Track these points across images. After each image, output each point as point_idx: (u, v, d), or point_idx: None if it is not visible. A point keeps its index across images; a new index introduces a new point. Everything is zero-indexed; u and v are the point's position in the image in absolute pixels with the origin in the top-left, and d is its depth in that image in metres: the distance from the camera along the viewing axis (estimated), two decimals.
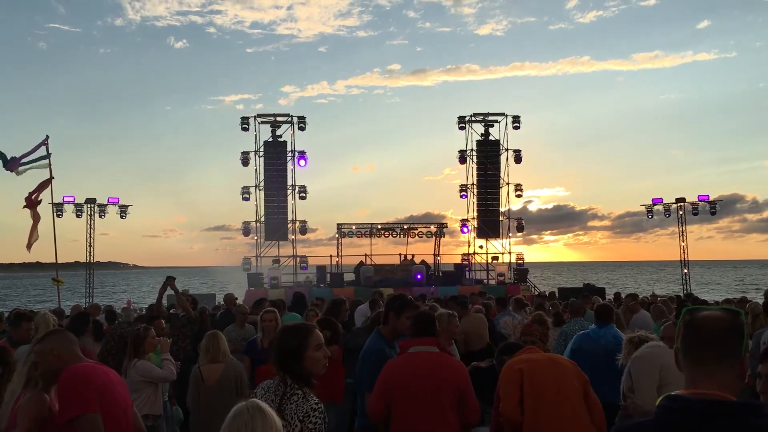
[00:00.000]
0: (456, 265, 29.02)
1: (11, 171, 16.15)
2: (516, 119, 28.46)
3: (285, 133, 28.26)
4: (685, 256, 28.25)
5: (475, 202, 29.17)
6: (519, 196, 29.20)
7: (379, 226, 29.38)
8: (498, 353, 4.67)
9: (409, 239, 29.51)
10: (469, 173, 29.19)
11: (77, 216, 26.12)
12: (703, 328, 1.76)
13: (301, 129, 28.07)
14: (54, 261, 18.14)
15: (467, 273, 28.65)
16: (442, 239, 29.93)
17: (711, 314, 1.78)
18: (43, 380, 3.23)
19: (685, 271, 28.26)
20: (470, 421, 4.13)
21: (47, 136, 17.26)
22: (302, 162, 28.04)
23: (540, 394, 4.02)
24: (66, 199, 25.50)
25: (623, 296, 14.08)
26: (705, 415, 1.66)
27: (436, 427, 3.96)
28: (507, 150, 28.84)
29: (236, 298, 11.97)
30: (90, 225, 26.65)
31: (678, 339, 1.81)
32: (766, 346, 2.29)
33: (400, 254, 28.39)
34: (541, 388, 4.03)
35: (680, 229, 28.10)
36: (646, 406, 4.19)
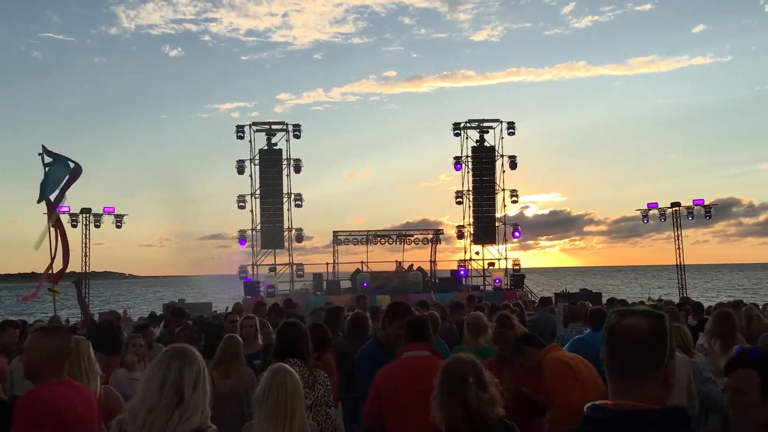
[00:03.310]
0: (452, 271, 29.07)
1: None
2: (511, 125, 28.55)
3: (280, 141, 28.34)
4: (681, 260, 28.33)
5: (471, 209, 29.24)
6: (515, 202, 29.35)
7: (375, 234, 29.44)
8: (519, 343, 4.60)
9: (406, 246, 29.63)
10: (464, 179, 29.27)
11: (72, 226, 26.03)
12: (622, 338, 1.71)
13: (297, 137, 28.11)
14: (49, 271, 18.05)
15: (464, 279, 28.72)
16: (438, 246, 30.10)
17: (631, 323, 1.72)
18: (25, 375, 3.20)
19: (681, 275, 28.34)
20: None
21: (43, 147, 17.14)
22: (298, 170, 28.10)
23: (586, 390, 4.11)
24: (61, 209, 25.34)
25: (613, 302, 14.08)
26: (628, 426, 1.63)
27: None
28: (502, 156, 28.95)
29: (243, 308, 12.00)
30: (85, 235, 26.60)
31: (603, 346, 1.76)
32: (731, 357, 2.28)
33: (396, 261, 28.43)
34: (585, 385, 4.16)
35: (676, 233, 28.22)
36: None
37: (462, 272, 28.73)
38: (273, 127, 28.28)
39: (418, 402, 3.98)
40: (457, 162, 29.07)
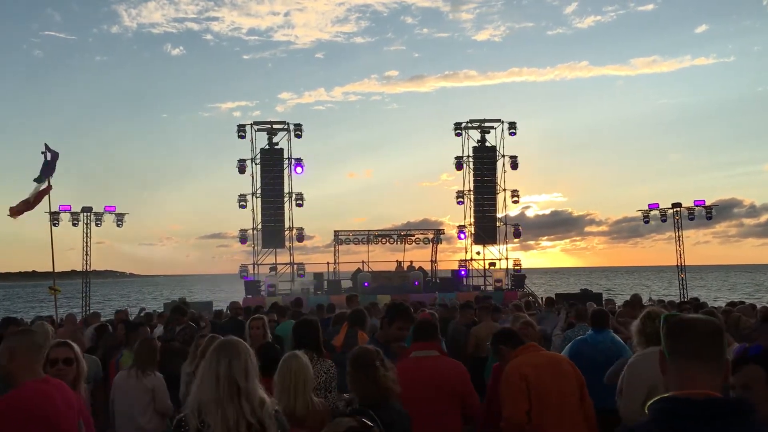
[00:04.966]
0: (453, 271, 29.05)
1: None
2: (512, 125, 28.58)
3: (282, 140, 28.39)
4: (682, 261, 28.30)
5: (472, 209, 29.26)
6: (516, 202, 29.38)
7: (376, 233, 29.45)
8: (494, 342, 4.61)
9: (406, 246, 29.62)
10: (465, 179, 29.33)
11: (73, 225, 25.99)
12: (693, 329, 1.82)
13: (298, 136, 28.16)
14: (51, 270, 18.07)
15: (464, 279, 28.72)
16: (439, 245, 30.08)
17: (697, 317, 1.87)
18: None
19: (682, 275, 28.32)
20: (473, 413, 4.38)
21: (46, 145, 17.14)
22: (299, 169, 28.15)
23: (543, 399, 4.10)
24: (62, 208, 25.38)
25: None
26: (708, 414, 1.69)
27: (436, 430, 4.00)
28: (503, 156, 28.99)
29: (240, 307, 11.98)
30: (86, 234, 26.56)
31: (666, 342, 1.85)
32: (734, 356, 2.36)
33: (397, 261, 28.43)
34: (545, 393, 4.11)
35: (677, 234, 28.18)
36: (628, 413, 4.20)
37: (463, 272, 28.75)
38: (274, 126, 28.33)
39: (428, 402, 3.98)
40: (459, 162, 29.11)
